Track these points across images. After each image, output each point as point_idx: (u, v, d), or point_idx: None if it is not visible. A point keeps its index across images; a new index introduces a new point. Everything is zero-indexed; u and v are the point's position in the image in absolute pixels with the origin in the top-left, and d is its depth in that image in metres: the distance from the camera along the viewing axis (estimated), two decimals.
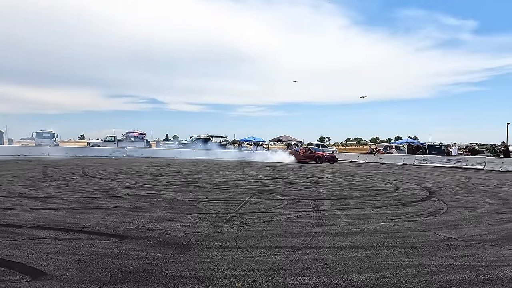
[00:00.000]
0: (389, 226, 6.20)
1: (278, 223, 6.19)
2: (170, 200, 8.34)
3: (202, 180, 13.06)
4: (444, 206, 8.44)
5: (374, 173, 18.99)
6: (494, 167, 23.59)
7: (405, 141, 47.75)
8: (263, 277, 3.66)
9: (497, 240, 5.35)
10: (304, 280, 3.61)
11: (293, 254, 4.47)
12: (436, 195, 10.39)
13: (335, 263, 4.14)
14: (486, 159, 25.50)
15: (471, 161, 26.08)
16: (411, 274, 3.86)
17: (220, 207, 7.61)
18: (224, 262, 4.10)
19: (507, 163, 23.34)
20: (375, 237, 5.42)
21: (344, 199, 9.20)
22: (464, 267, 4.11)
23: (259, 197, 9.26)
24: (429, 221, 6.70)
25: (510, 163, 23.13)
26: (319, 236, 5.37)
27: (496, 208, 8.21)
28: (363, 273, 3.84)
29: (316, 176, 16.03)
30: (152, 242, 4.84)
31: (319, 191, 10.86)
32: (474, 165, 25.06)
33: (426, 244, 5.07)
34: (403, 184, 13.36)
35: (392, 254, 4.55)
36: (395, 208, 8.04)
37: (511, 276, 3.83)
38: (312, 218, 6.74)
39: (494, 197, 10.03)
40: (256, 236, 5.28)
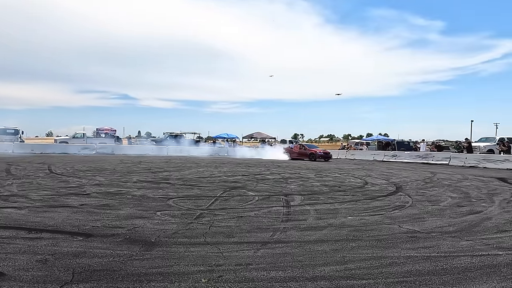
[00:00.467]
0: (356, 220, 6.36)
1: (248, 219, 6.22)
2: (140, 198, 8.20)
3: (173, 177, 12.92)
4: (410, 200, 8.73)
5: (345, 169, 19.38)
6: (458, 162, 24.58)
7: (376, 138, 48.94)
8: (230, 272, 3.67)
9: (456, 232, 5.59)
10: (271, 274, 3.65)
11: (261, 249, 4.51)
12: (403, 189, 10.73)
13: (301, 257, 4.21)
14: (451, 155, 26.54)
15: (437, 157, 27.07)
16: (374, 265, 3.98)
17: (190, 204, 7.56)
18: (192, 258, 4.08)
19: (470, 158, 24.38)
20: (342, 231, 5.55)
21: (314, 195, 9.34)
22: (424, 258, 4.27)
23: (230, 193, 9.26)
24: (394, 214, 6.92)
25: (473, 159, 24.17)
26: (288, 231, 5.44)
27: (458, 202, 8.57)
28: (329, 266, 3.93)
29: (288, 172, 16.19)
30: (119, 239, 4.75)
31: (290, 187, 10.98)
32: (440, 161, 26.03)
33: (390, 236, 5.23)
34: (372, 179, 13.71)
35: (357, 247, 4.67)
36: (363, 203, 8.24)
37: (467, 266, 4.02)
38: (282, 213, 6.82)
39: (457, 191, 10.46)
40: (225, 232, 5.28)
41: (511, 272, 3.85)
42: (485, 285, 3.49)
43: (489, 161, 22.97)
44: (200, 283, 3.37)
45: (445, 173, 17.07)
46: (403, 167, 21.39)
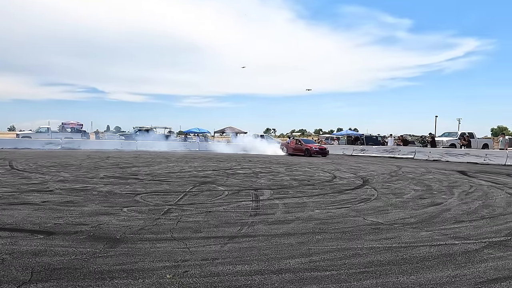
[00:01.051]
0: (323, 213, 6.49)
1: (216, 214, 6.21)
2: (106, 193, 8.01)
3: (142, 172, 12.69)
4: (375, 193, 8.99)
5: (314, 163, 19.68)
6: (423, 156, 25.52)
7: (345, 133, 49.95)
8: (195, 267, 3.66)
9: (417, 223, 5.82)
10: (236, 268, 3.67)
11: (228, 243, 4.52)
12: (369, 183, 11.04)
13: (268, 250, 4.26)
14: (416, 149, 27.51)
15: (403, 151, 27.99)
16: (338, 257, 4.09)
17: (158, 199, 7.46)
18: (157, 254, 4.04)
19: (434, 152, 25.38)
20: (308, 224, 5.65)
21: (283, 189, 9.45)
22: (386, 249, 4.43)
23: (200, 188, 9.21)
24: (360, 207, 7.11)
25: (436, 153, 25.17)
26: (256, 225, 5.48)
27: (420, 194, 8.91)
28: (294, 259, 3.99)
29: (259, 167, 16.27)
30: (82, 237, 4.63)
31: (260, 181, 11.04)
32: (406, 155, 26.94)
33: (354, 229, 5.38)
34: (340, 173, 14.01)
35: (323, 240, 4.78)
36: (331, 196, 8.42)
37: (425, 255, 4.20)
38: (251, 207, 6.85)
39: (420, 184, 10.87)
40: (193, 227, 5.26)
41: (465, 260, 4.06)
42: (441, 273, 3.66)
43: (451, 155, 23.99)
44: (165, 279, 3.35)
45: (410, 167, 17.68)
46: (371, 161, 21.97)
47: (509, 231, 5.36)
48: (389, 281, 3.42)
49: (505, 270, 3.77)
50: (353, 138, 39.55)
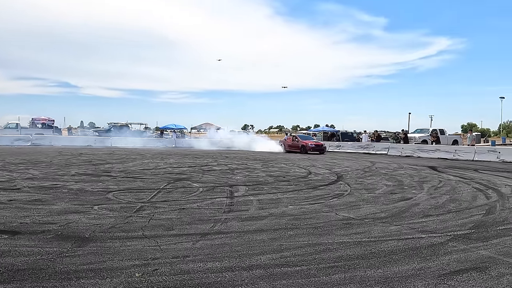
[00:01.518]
0: (296, 209, 6.56)
1: (190, 211, 6.17)
2: (77, 191, 7.82)
3: (115, 169, 12.45)
4: (348, 188, 9.16)
5: (291, 159, 19.84)
6: (396, 152, 26.13)
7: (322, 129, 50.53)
8: (166, 265, 3.63)
9: (387, 218, 5.97)
10: (207, 265, 3.67)
11: (200, 240, 4.51)
12: (343, 178, 11.22)
13: (240, 247, 4.27)
14: (389, 145, 28.14)
15: (377, 147, 28.57)
16: (309, 252, 4.14)
17: (131, 197, 7.35)
18: (127, 252, 3.98)
19: (406, 148, 26.04)
20: (282, 220, 5.69)
21: (259, 185, 9.48)
22: (356, 243, 4.52)
23: (174, 185, 9.13)
24: (333, 202, 7.22)
25: (409, 149, 25.84)
26: (229, 222, 5.48)
27: (392, 189, 9.14)
28: (265, 255, 4.02)
29: (235, 164, 16.26)
30: (49, 236, 4.50)
31: (236, 177, 11.04)
32: (380, 151, 27.50)
33: (326, 224, 5.47)
34: (315, 169, 14.18)
35: (295, 235, 4.83)
36: (305, 192, 8.51)
37: (393, 249, 4.32)
38: (225, 204, 6.85)
39: (392, 180, 11.14)
40: (165, 225, 5.21)
41: (430, 253, 4.19)
42: (407, 266, 3.77)
43: (423, 151, 24.68)
44: (134, 277, 3.30)
45: (384, 163, 18.08)
46: (346, 157, 22.33)
47: (473, 224, 5.58)
48: (357, 275, 3.50)
49: (467, 262, 3.92)
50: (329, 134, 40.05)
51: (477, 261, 3.94)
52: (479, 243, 4.60)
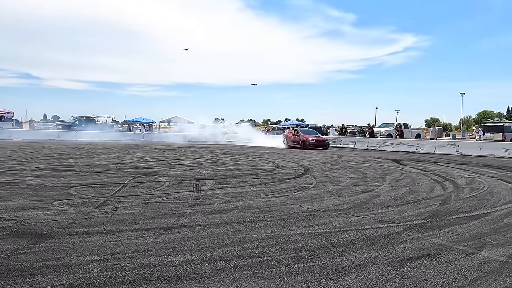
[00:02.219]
0: (262, 202, 6.63)
1: (154, 205, 6.11)
2: (36, 187, 7.54)
3: (79, 164, 12.08)
4: (314, 181, 9.34)
5: (260, 153, 19.96)
6: (362, 146, 26.88)
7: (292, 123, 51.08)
8: (126, 259, 3.59)
9: (349, 209, 6.15)
10: (169, 259, 3.66)
11: (163, 234, 4.48)
12: (310, 172, 11.43)
13: (202, 240, 4.29)
14: (356, 139, 28.90)
15: (344, 141, 29.27)
16: (271, 244, 4.22)
17: (94, 192, 7.17)
18: (86, 248, 3.90)
19: (372, 142, 26.84)
20: (246, 212, 5.75)
21: (226, 179, 9.50)
22: (317, 234, 4.64)
23: (140, 179, 8.99)
24: (298, 195, 7.36)
25: (374, 142, 26.64)
26: (193, 215, 5.48)
27: (355, 182, 9.41)
28: (228, 247, 4.06)
29: (204, 157, 16.18)
30: (4, 233, 4.34)
31: (204, 171, 11.00)
32: (347, 144, 28.19)
33: (290, 216, 5.57)
34: (283, 163, 14.35)
35: (258, 227, 4.90)
36: (272, 185, 8.61)
37: (352, 239, 4.47)
38: (191, 198, 6.82)
39: (356, 172, 11.46)
40: (128, 220, 5.14)
41: (387, 242, 4.38)
42: (364, 254, 3.92)
43: (387, 145, 25.51)
44: (92, 273, 3.25)
45: (350, 156, 18.54)
46: (313, 151, 22.71)
47: (429, 214, 5.86)
48: (315, 264, 3.61)
49: (420, 249, 4.13)
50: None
51: (430, 249, 4.15)
52: (433, 232, 4.84)
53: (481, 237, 4.63)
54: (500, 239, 4.55)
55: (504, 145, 21.71)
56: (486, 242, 4.44)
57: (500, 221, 5.48)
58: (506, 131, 29.20)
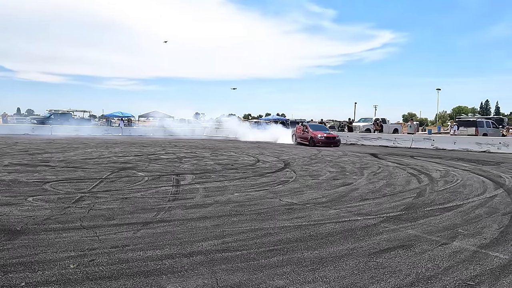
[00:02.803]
0: (242, 196, 6.65)
1: (133, 200, 6.04)
2: (9, 182, 7.32)
3: (55, 159, 11.78)
4: (294, 175, 9.42)
5: (240, 147, 19.95)
6: (341, 140, 27.19)
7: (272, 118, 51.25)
8: (103, 255, 3.55)
9: (328, 202, 6.24)
10: (147, 253, 3.64)
11: (142, 229, 4.44)
12: (290, 166, 11.51)
13: (182, 234, 4.27)
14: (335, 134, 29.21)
15: None
16: (250, 237, 4.24)
17: (70, 187, 7.02)
18: (62, 244, 3.83)
19: (351, 136, 27.21)
20: (226, 207, 5.76)
21: (206, 173, 9.46)
22: (296, 227, 4.70)
23: (118, 174, 8.85)
24: (278, 189, 7.41)
25: (353, 137, 27.02)
26: (173, 210, 5.44)
27: (334, 175, 9.54)
28: (207, 241, 4.06)
29: (184, 152, 16.06)
30: None
31: (183, 166, 10.92)
32: None
33: (269, 210, 5.61)
34: (264, 157, 14.39)
35: (238, 221, 4.92)
36: (252, 179, 8.63)
37: (330, 231, 4.55)
38: (170, 193, 6.77)
39: (335, 166, 11.62)
40: (106, 215, 5.06)
41: (364, 234, 4.47)
42: (342, 246, 4.00)
43: (366, 139, 25.93)
44: (68, 269, 3.20)
45: (329, 150, 18.76)
46: (294, 145, 22.87)
47: (404, 207, 6.01)
48: (294, 256, 3.65)
49: (396, 240, 4.24)
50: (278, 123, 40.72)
51: (405, 240, 4.27)
52: (408, 223, 4.98)
53: (453, 228, 4.79)
54: (472, 230, 4.72)
55: (477, 139, 22.41)
56: (458, 232, 4.60)
57: (472, 213, 5.67)
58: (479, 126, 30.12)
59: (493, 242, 4.23)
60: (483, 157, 16.40)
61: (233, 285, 2.98)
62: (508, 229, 4.79)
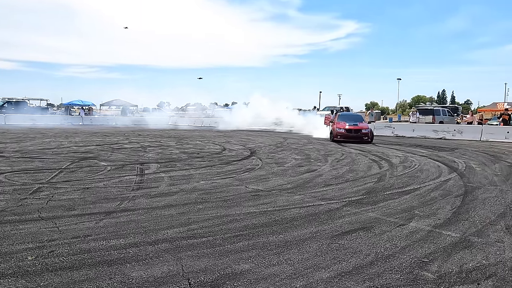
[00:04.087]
0: (208, 184, 6.63)
1: (95, 190, 5.87)
2: None
3: (9, 149, 11.19)
4: (260, 163, 9.50)
5: (207, 136, 19.80)
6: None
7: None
8: (64, 246, 3.44)
9: (293, 188, 6.36)
10: (110, 243, 3.56)
11: (104, 219, 4.34)
12: (256, 154, 11.58)
13: (146, 223, 4.21)
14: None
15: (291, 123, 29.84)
16: (216, 224, 4.26)
17: (27, 178, 6.71)
18: (19, 236, 3.67)
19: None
20: (192, 195, 5.72)
21: (171, 162, 9.34)
22: (262, 213, 4.76)
23: (79, 164, 8.54)
24: (244, 176, 7.45)
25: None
26: (137, 199, 5.35)
27: (299, 163, 9.71)
28: (172, 229, 4.03)
29: (148, 141, 15.73)
30: None
31: (148, 155, 10.72)
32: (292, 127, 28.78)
33: (235, 197, 5.64)
34: (230, 145, 14.38)
35: (203, 209, 4.91)
36: (218, 168, 8.62)
37: (295, 216, 4.64)
38: (134, 182, 6.64)
39: (301, 154, 11.82)
40: (66, 205, 4.89)
41: (327, 217, 4.60)
42: (306, 230, 4.10)
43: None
44: (26, 261, 3.08)
45: (295, 138, 19.01)
46: (260, 134, 22.98)
47: (366, 191, 6.23)
48: (259, 241, 3.71)
49: (357, 223, 4.40)
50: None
51: (365, 222, 4.44)
52: (369, 207, 5.17)
53: (410, 210, 5.03)
54: (427, 211, 4.98)
55: (434, 127, 23.50)
56: (415, 214, 4.84)
57: (428, 195, 5.98)
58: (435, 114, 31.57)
59: (446, 222, 4.49)
60: (439, 143, 17.23)
61: (198, 270, 2.99)
62: (459, 209, 5.10)
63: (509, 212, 5.00)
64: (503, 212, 4.98)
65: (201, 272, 2.95)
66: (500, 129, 20.58)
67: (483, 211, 5.04)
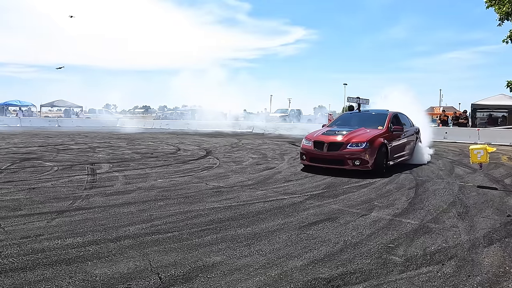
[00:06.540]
0: (166, 182, 6.40)
1: (42, 190, 5.42)
2: None
3: None
4: (217, 162, 9.36)
5: (159, 137, 19.22)
6: (259, 130, 27.86)
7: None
8: (12, 246, 3.11)
9: (254, 184, 6.32)
10: (66, 241, 3.28)
11: (56, 218, 4.00)
12: (212, 153, 11.41)
13: (105, 221, 3.95)
14: (254, 125, 29.83)
15: (243, 125, 29.98)
16: (180, 219, 4.10)
17: None
18: None
19: (269, 127, 28.03)
20: (151, 192, 5.48)
21: (124, 162, 8.91)
22: (226, 208, 4.66)
23: (21, 165, 7.88)
24: (203, 174, 7.28)
25: (270, 127, 27.87)
26: (91, 198, 5.01)
27: (257, 161, 9.70)
28: (134, 225, 3.82)
29: (97, 142, 14.94)
30: None
31: (98, 155, 10.15)
32: (245, 129, 28.91)
33: (197, 193, 5.49)
34: (184, 146, 14.06)
35: (165, 205, 4.71)
36: (174, 167, 8.36)
37: (260, 210, 4.60)
38: (86, 181, 6.23)
39: (257, 153, 11.83)
40: (10, 206, 4.46)
41: (292, 210, 4.61)
42: (273, 222, 4.07)
43: (282, 129, 26.92)
44: None
45: (249, 140, 19.04)
46: (214, 135, 22.75)
47: (325, 186, 6.34)
48: (228, 234, 3.62)
49: (321, 214, 4.44)
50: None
51: (330, 213, 4.50)
52: (330, 200, 5.26)
53: (370, 202, 5.19)
54: (385, 202, 5.17)
55: None
56: (375, 205, 5.00)
57: (383, 188, 6.22)
58: None
59: (404, 211, 4.68)
60: None
61: (168, 265, 2.83)
62: (414, 200, 5.35)
63: (458, 201, 5.33)
64: (453, 201, 5.30)
65: (171, 266, 2.80)
66: (440, 130, 22.11)
67: (435, 200, 5.33)
